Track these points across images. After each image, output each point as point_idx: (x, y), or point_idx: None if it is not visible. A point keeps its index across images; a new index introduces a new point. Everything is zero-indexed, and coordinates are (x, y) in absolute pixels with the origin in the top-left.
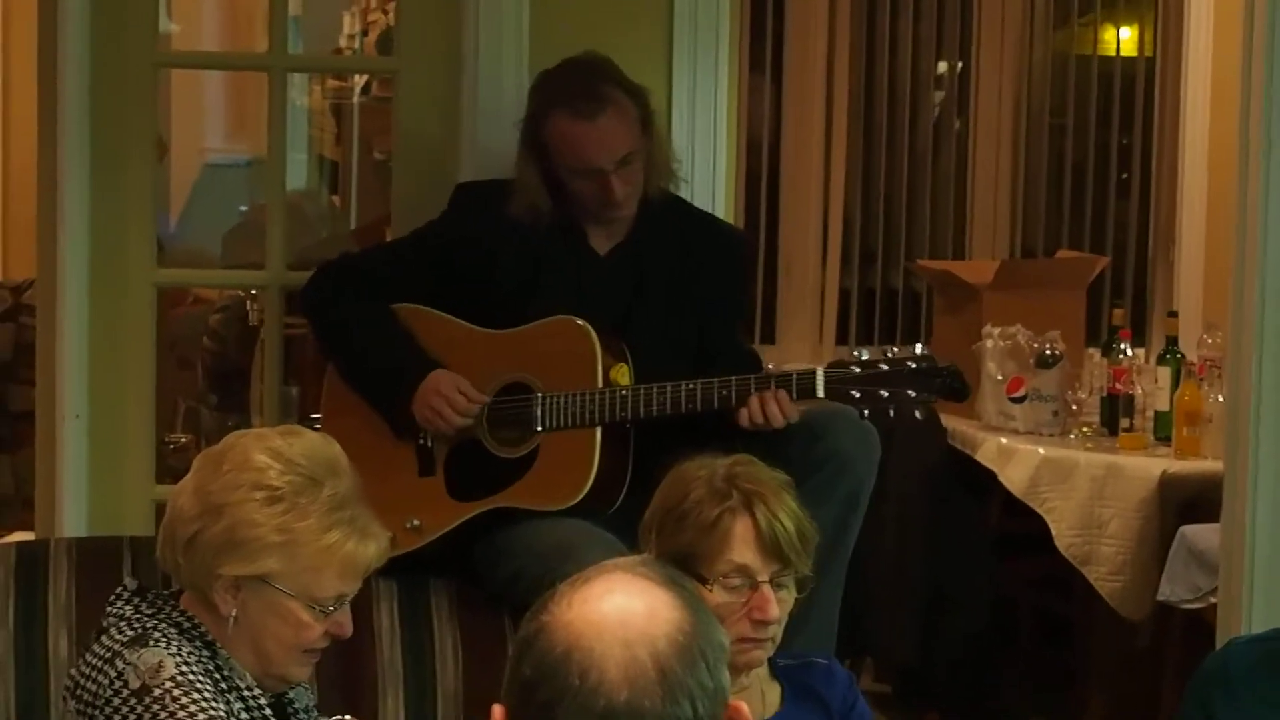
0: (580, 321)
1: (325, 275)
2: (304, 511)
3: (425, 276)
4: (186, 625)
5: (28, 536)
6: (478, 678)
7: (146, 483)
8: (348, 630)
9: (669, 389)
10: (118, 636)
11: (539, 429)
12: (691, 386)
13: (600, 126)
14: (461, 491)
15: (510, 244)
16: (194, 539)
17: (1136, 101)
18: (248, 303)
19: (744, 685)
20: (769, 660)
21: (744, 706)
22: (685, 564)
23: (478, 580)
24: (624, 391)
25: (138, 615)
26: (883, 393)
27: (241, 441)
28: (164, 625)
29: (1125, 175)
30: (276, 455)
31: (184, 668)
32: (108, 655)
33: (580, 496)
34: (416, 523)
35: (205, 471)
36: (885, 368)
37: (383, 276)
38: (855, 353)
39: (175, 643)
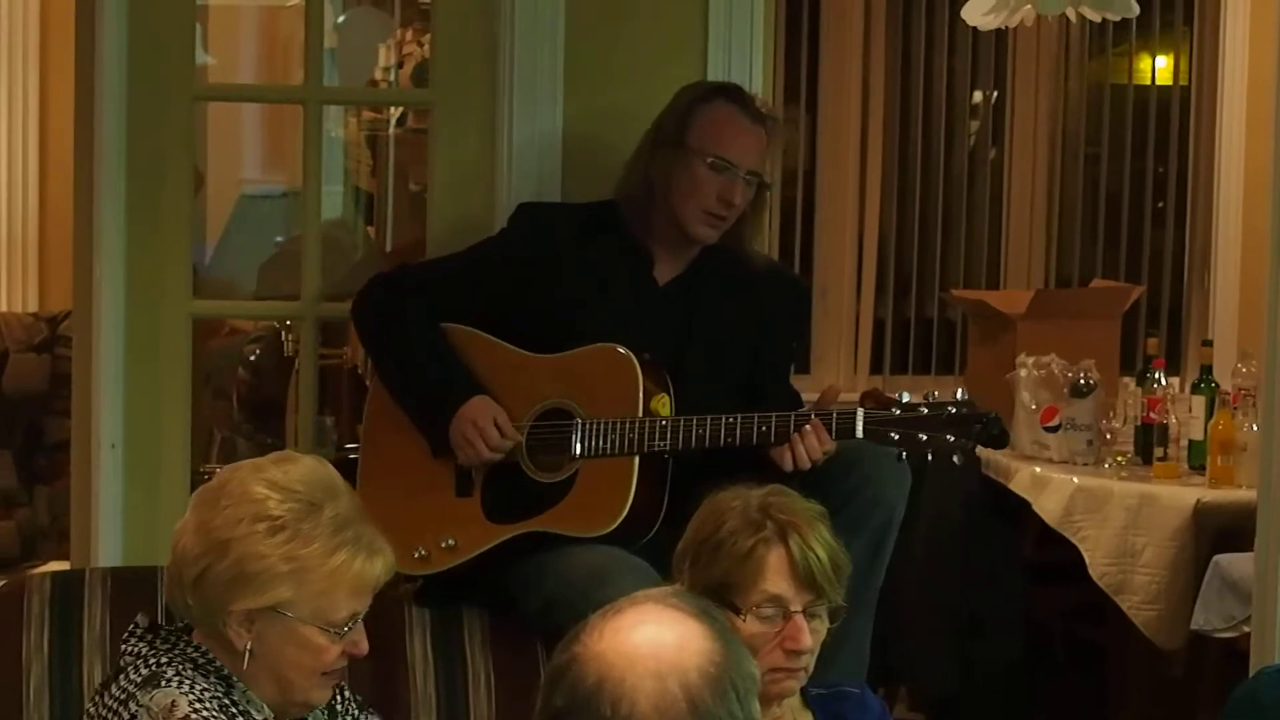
0: (623, 350)
1: (379, 285)
2: (308, 537)
3: (478, 292)
4: (201, 660)
5: (62, 566)
6: (510, 708)
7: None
8: (364, 648)
9: (709, 421)
10: (133, 677)
11: (577, 455)
12: (731, 420)
13: (758, 133)
14: (498, 514)
15: (567, 266)
16: (201, 577)
17: (1172, 130)
18: (283, 333)
19: (776, 715)
20: (801, 689)
21: None
22: (719, 594)
23: (512, 606)
24: (663, 421)
25: (152, 652)
26: (921, 436)
27: (237, 475)
28: (178, 661)
29: (1160, 204)
30: (274, 485)
31: (197, 705)
32: (122, 697)
33: (615, 524)
34: (452, 542)
35: (205, 509)
36: (925, 411)
37: (436, 290)
38: (897, 395)
39: (189, 680)
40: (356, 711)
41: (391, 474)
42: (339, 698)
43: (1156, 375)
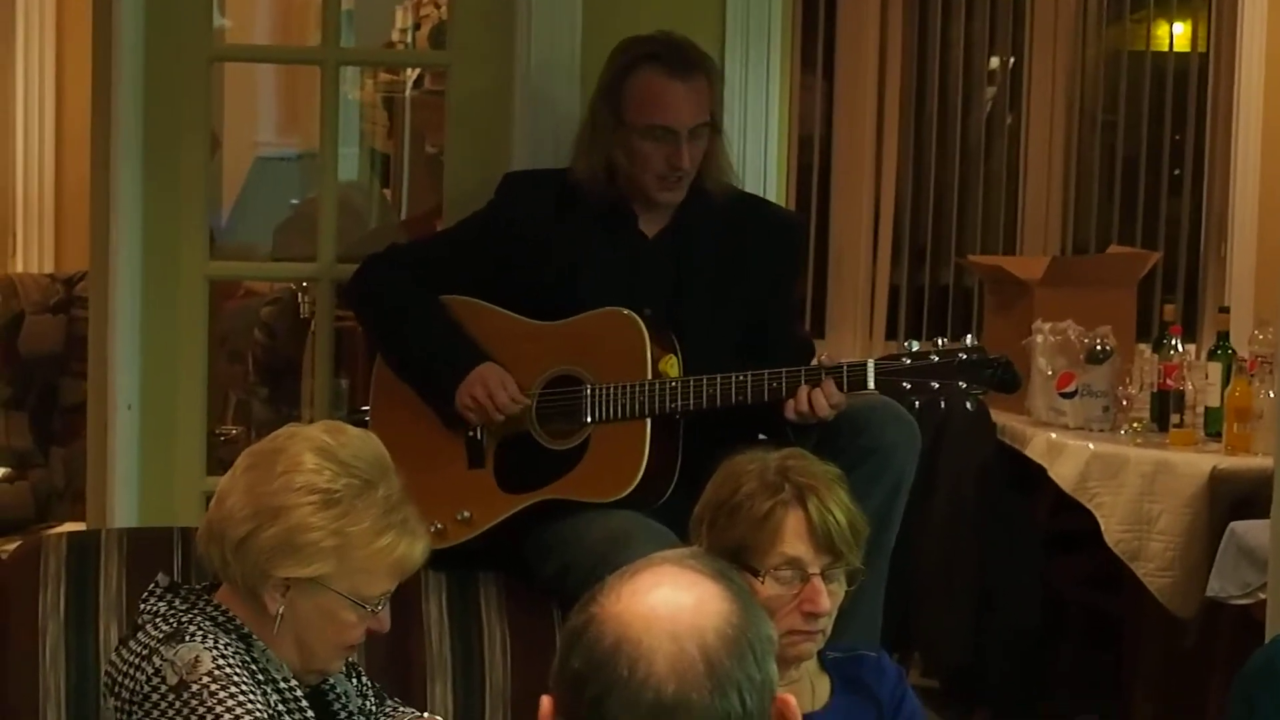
0: (628, 312)
1: (372, 266)
2: (360, 516)
3: (472, 266)
4: (222, 619)
5: (78, 528)
6: (526, 670)
7: (197, 474)
8: (386, 626)
9: (718, 380)
10: (153, 633)
11: (588, 421)
12: (741, 378)
13: (688, 87)
14: (512, 483)
15: (557, 231)
16: (246, 540)
17: (1189, 97)
18: (299, 295)
19: (793, 678)
20: (818, 653)
21: (792, 699)
22: (737, 557)
23: (527, 573)
24: (673, 383)
25: (172, 611)
26: (933, 384)
27: (292, 443)
28: (199, 619)
29: (1177, 171)
30: (330, 456)
31: (220, 661)
32: (144, 652)
33: (631, 488)
34: (467, 514)
35: (257, 472)
36: (936, 359)
37: (430, 266)
38: (905, 344)
39: (211, 636)
40: (373, 699)
41: (402, 449)
42: (356, 681)
43: (1173, 342)
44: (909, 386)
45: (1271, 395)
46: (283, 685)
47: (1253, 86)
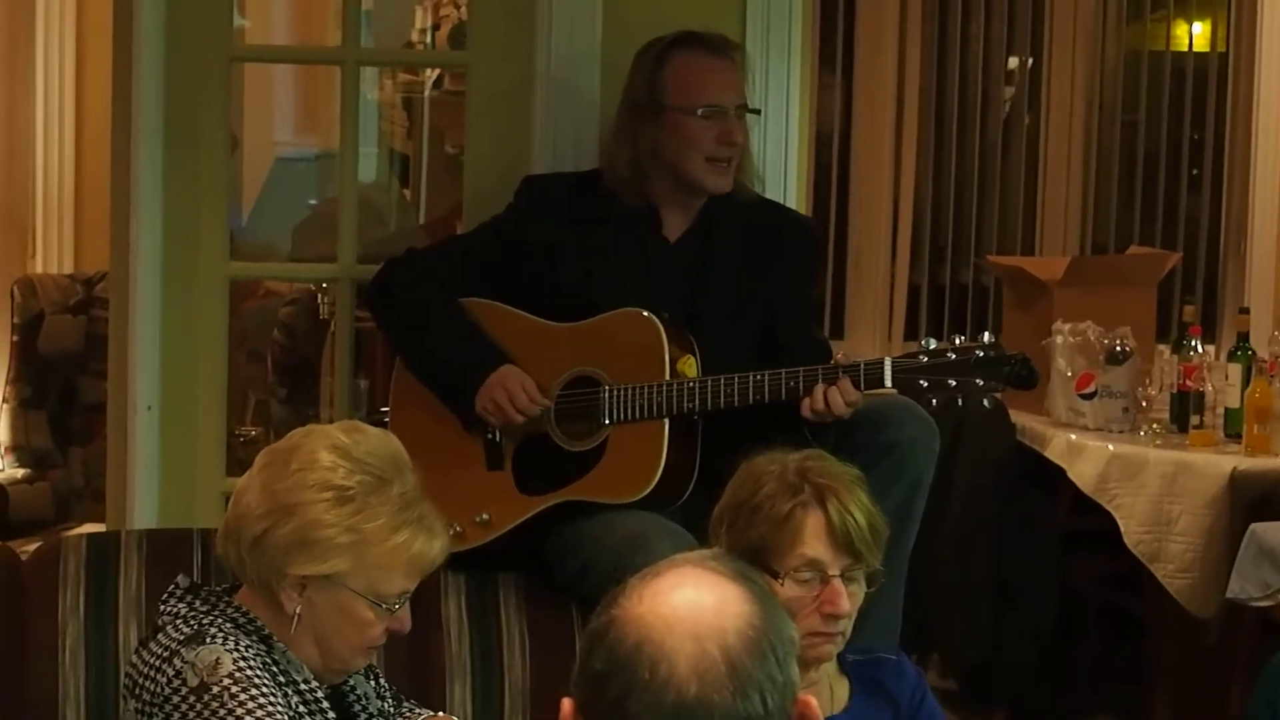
0: (646, 314)
1: (392, 270)
2: (374, 512)
3: (492, 269)
4: (242, 620)
5: (97, 528)
6: (545, 671)
7: (217, 475)
8: (407, 626)
9: (736, 380)
10: (174, 635)
11: (606, 422)
12: (759, 378)
13: (730, 65)
14: (530, 485)
15: (577, 234)
16: (261, 538)
17: (1209, 97)
18: (318, 296)
19: (813, 680)
20: (838, 655)
21: (813, 701)
22: (757, 558)
23: (547, 574)
24: (691, 383)
25: (193, 613)
26: (950, 381)
27: (308, 441)
28: (220, 620)
29: (1197, 171)
30: (344, 454)
31: (241, 663)
32: (165, 654)
33: (649, 489)
34: (486, 517)
35: (272, 470)
36: (953, 356)
37: (450, 270)
38: (923, 342)
39: (232, 638)
40: (391, 701)
41: (421, 451)
42: (374, 683)
43: (1193, 343)
44: (926, 384)
45: None
46: (303, 686)
47: (1272, 86)
